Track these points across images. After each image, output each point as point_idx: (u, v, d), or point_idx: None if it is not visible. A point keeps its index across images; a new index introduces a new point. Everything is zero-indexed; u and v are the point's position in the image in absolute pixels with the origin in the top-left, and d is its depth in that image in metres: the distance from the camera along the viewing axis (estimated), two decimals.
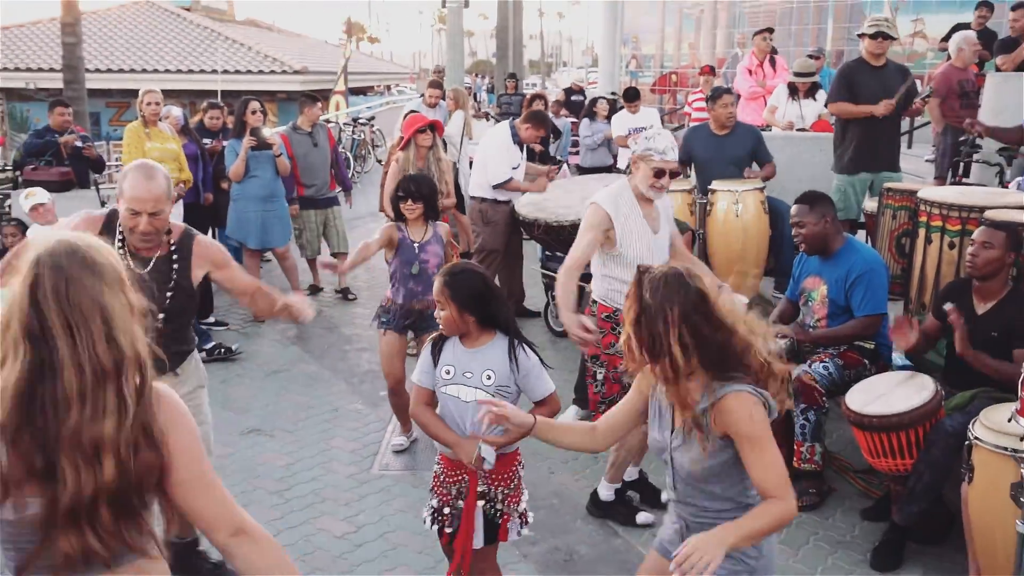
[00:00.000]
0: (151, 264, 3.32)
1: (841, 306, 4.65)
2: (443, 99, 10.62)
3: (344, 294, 8.51)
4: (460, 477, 3.15)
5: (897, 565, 4.01)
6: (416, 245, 4.91)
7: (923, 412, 3.92)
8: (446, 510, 3.19)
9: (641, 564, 2.94)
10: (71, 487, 1.72)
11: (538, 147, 8.60)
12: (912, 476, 3.94)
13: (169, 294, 3.36)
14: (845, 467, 4.88)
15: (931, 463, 3.89)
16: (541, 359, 3.17)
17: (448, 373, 3.13)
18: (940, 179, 7.45)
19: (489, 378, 3.07)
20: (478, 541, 3.13)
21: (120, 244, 3.28)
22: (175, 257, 3.39)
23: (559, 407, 3.21)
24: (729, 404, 2.40)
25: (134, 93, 8.05)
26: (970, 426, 3.53)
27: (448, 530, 3.19)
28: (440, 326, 3.15)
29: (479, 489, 3.12)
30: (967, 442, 3.49)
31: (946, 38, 9.69)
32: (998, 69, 8.07)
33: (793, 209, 4.75)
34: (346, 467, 5.05)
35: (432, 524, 3.23)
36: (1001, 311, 4.05)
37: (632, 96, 10.61)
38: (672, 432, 2.57)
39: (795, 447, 4.50)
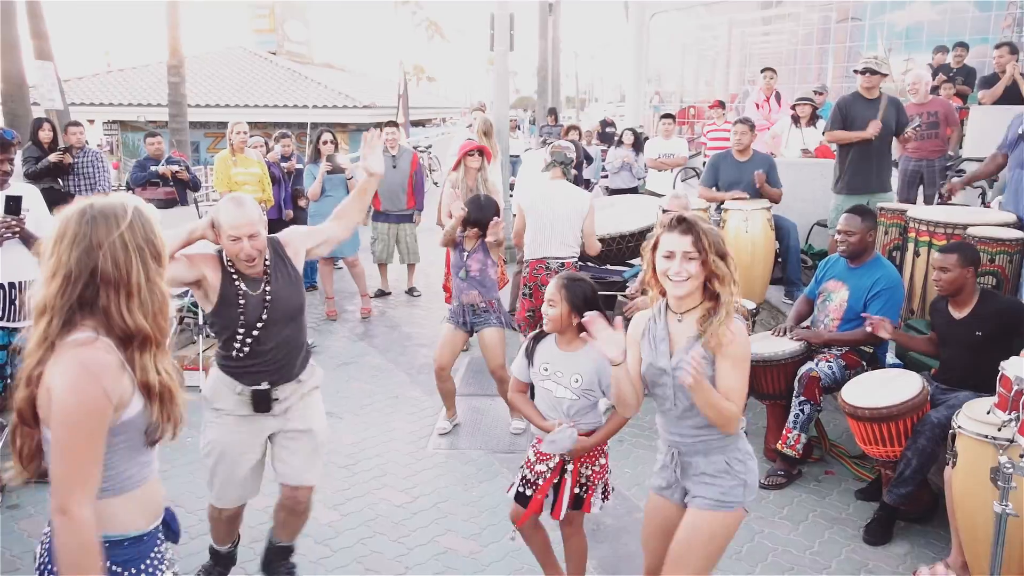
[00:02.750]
0: (261, 283, 3.16)
1: (857, 312, 4.59)
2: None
3: (411, 292, 8.72)
4: (549, 456, 3.12)
5: (887, 540, 3.94)
6: (465, 253, 4.99)
7: (910, 405, 3.86)
8: (530, 476, 3.17)
9: (645, 505, 2.91)
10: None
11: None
12: (901, 462, 3.89)
13: (282, 296, 3.20)
14: (841, 453, 4.81)
15: (918, 450, 3.83)
16: None
17: (546, 370, 3.10)
18: (904, 201, 7.32)
19: (577, 381, 3.03)
20: (564, 511, 3.11)
21: (233, 273, 3.14)
22: (271, 264, 3.21)
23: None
24: (736, 328, 2.52)
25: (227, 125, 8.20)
26: (954, 416, 3.47)
27: (526, 491, 3.15)
28: (547, 323, 3.09)
29: (567, 466, 3.10)
30: (951, 431, 3.43)
31: (933, 75, 9.51)
32: (980, 103, 7.90)
33: (845, 219, 4.66)
34: (404, 446, 5.08)
35: (519, 489, 3.19)
36: (979, 314, 4.03)
37: (668, 117, 10.53)
38: (671, 356, 2.58)
39: (784, 431, 4.45)
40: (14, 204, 4.01)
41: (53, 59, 12.43)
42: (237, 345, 3.18)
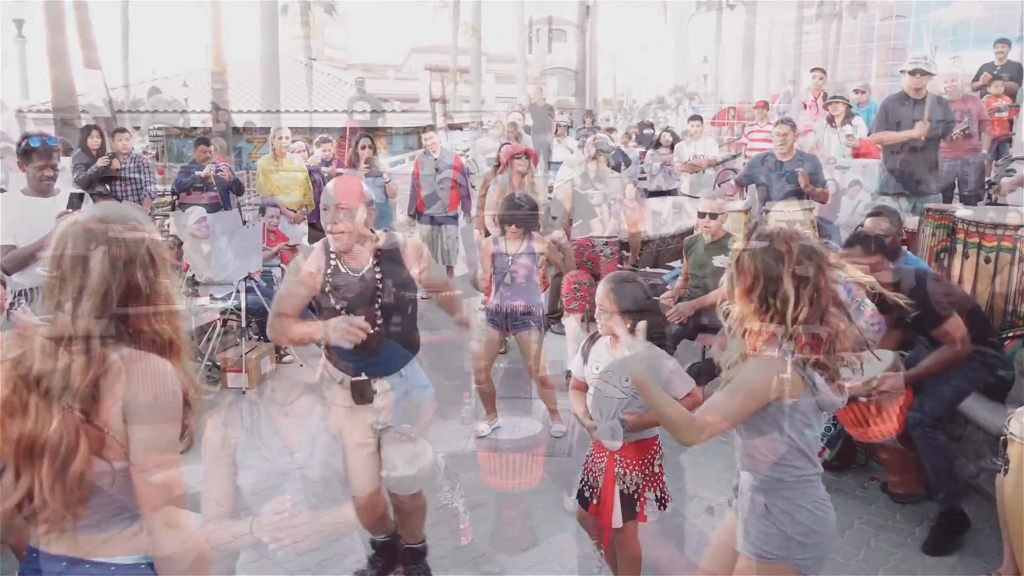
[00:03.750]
0: (364, 270, 3.16)
1: None
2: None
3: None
4: (603, 458, 3.11)
5: (948, 551, 3.81)
6: (510, 257, 4.90)
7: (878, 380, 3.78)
8: (591, 484, 3.16)
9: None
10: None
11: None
12: (926, 472, 3.90)
13: (387, 285, 3.18)
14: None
15: (924, 453, 3.84)
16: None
17: (598, 369, 3.10)
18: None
19: (627, 381, 2.99)
20: (617, 520, 3.06)
21: (334, 259, 3.15)
22: (382, 254, 3.19)
23: (700, 400, 2.97)
24: (756, 362, 2.25)
25: (270, 130, 8.33)
26: (1006, 422, 3.38)
27: (593, 501, 3.15)
28: (600, 326, 3.08)
29: (615, 471, 3.06)
30: (1002, 437, 3.34)
31: (976, 77, 9.30)
32: None
33: (872, 222, 4.56)
34: (442, 448, 5.07)
35: (578, 497, 3.20)
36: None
37: (697, 119, 10.46)
38: None
39: None
40: (77, 201, 4.16)
41: (101, 68, 12.74)
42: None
